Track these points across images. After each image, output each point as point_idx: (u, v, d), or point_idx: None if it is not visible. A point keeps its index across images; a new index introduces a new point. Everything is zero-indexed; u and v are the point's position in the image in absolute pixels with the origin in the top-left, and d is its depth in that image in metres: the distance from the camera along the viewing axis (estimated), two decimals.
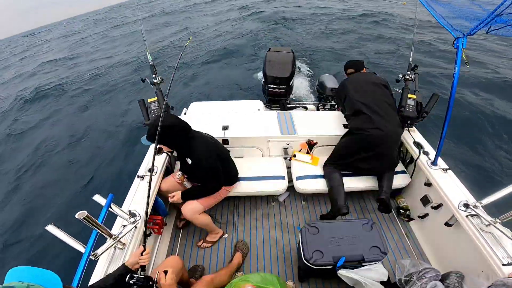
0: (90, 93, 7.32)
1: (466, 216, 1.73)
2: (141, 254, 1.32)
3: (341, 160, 2.28)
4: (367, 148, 2.14)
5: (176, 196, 1.94)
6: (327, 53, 7.59)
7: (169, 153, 2.26)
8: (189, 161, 1.86)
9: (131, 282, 1.17)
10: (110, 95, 7.06)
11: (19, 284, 0.77)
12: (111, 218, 1.61)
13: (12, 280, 0.79)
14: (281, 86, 3.21)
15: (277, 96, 3.32)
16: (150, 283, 1.20)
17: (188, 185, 2.09)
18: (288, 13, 11.94)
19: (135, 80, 7.44)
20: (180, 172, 2.00)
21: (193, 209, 1.94)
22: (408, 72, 2.46)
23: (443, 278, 1.50)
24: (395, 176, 2.28)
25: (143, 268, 1.30)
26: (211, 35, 10.39)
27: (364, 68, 2.46)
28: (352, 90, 2.25)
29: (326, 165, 2.36)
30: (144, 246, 1.35)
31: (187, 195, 1.95)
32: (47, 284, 0.83)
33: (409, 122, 2.40)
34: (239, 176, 2.21)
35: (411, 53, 2.60)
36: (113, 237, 1.47)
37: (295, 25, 10.43)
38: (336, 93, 2.50)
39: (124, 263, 1.32)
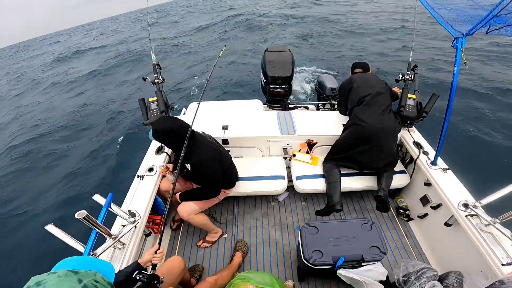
0: None
1: (466, 216, 1.73)
2: (155, 253, 1.31)
3: (340, 154, 2.30)
4: (365, 141, 2.16)
5: (174, 198, 1.93)
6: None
7: (168, 153, 2.25)
8: (188, 166, 1.77)
9: (137, 277, 1.17)
10: None
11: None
12: (111, 218, 1.60)
13: (66, 267, 0.75)
14: (283, 86, 3.20)
15: (279, 96, 3.31)
16: (155, 281, 1.18)
17: (170, 178, 2.03)
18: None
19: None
20: (164, 164, 1.92)
21: (189, 210, 1.93)
22: (408, 72, 2.47)
23: (442, 278, 1.50)
24: (395, 176, 2.27)
25: (154, 266, 1.29)
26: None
27: (370, 71, 2.55)
28: (358, 82, 2.36)
29: (325, 161, 2.39)
30: (159, 244, 1.34)
31: (184, 197, 1.94)
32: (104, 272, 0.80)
33: (408, 122, 2.41)
34: (238, 175, 2.20)
35: (411, 53, 2.60)
36: (113, 236, 1.47)
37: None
38: (341, 86, 2.54)
39: (137, 260, 1.32)
